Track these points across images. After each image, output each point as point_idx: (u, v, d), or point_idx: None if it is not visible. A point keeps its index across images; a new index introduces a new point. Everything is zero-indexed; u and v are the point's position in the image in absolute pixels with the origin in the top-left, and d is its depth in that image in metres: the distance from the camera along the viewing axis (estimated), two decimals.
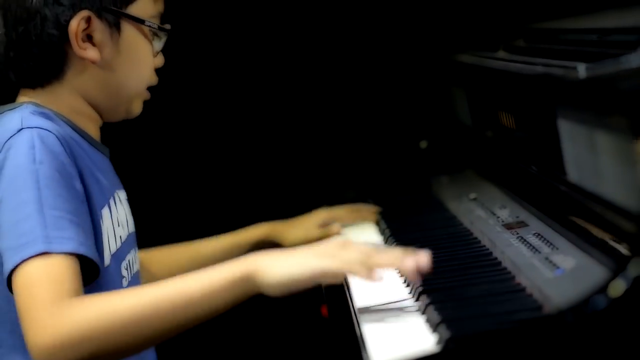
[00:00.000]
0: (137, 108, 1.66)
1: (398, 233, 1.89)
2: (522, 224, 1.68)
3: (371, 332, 1.38)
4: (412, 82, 2.46)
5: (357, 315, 1.46)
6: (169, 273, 1.91)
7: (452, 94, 2.22)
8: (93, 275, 1.45)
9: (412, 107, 2.47)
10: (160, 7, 1.64)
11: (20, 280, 1.37)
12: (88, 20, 1.54)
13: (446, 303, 1.40)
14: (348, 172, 2.38)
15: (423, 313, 1.41)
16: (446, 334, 1.28)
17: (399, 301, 1.49)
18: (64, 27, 1.53)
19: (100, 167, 1.60)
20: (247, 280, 1.39)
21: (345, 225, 2.03)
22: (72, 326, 1.33)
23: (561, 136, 1.43)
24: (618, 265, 1.13)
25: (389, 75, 2.49)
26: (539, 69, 1.49)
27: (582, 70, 1.34)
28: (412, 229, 1.90)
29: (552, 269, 1.42)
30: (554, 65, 1.47)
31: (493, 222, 1.75)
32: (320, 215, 2.04)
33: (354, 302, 1.52)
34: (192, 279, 1.40)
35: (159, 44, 1.64)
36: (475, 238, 1.73)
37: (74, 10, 1.53)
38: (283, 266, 1.39)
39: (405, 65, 2.46)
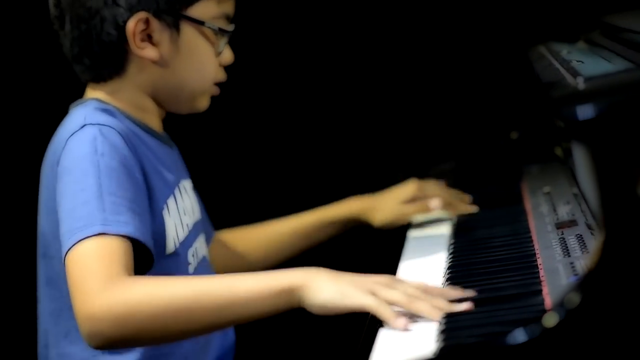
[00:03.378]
0: (202, 103, 1.72)
1: (462, 227, 1.91)
2: (573, 224, 1.67)
3: (385, 334, 1.40)
4: (505, 72, 2.44)
5: None
6: (247, 254, 2.01)
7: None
8: (147, 263, 1.50)
9: (502, 97, 2.46)
10: (226, 7, 1.68)
11: (74, 256, 1.42)
12: (147, 21, 1.61)
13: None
14: (443, 159, 2.39)
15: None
16: (441, 343, 1.31)
17: None
18: (121, 28, 1.61)
19: (163, 160, 1.67)
20: (293, 292, 1.40)
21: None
22: (120, 301, 1.37)
23: (572, 145, 1.42)
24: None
25: (483, 67, 2.49)
26: (559, 74, 1.49)
27: (580, 82, 1.33)
28: (478, 223, 1.92)
29: (569, 275, 1.43)
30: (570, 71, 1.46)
31: (550, 219, 1.76)
32: (409, 189, 2.00)
33: None
34: (242, 279, 1.42)
35: (223, 44, 1.68)
36: (529, 237, 1.73)
37: (132, 11, 1.60)
38: (329, 290, 1.39)
39: (499, 55, 2.45)
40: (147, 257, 1.50)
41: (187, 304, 1.39)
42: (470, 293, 1.45)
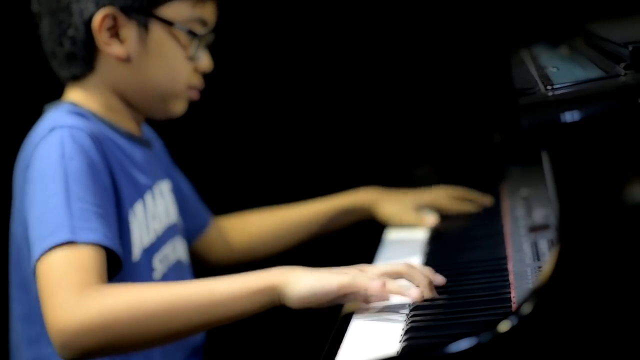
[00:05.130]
0: (176, 108, 1.71)
1: (439, 229, 1.93)
2: (545, 228, 1.69)
3: (353, 331, 1.43)
4: (489, 75, 2.46)
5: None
6: (251, 240, 2.01)
7: None
8: (115, 269, 1.50)
9: (485, 100, 2.47)
10: (201, 12, 1.66)
11: (44, 267, 1.42)
12: (115, 18, 1.61)
13: (429, 309, 1.43)
14: (425, 161, 2.41)
15: (405, 318, 1.45)
16: (404, 342, 1.32)
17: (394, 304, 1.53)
18: (89, 23, 1.61)
19: (137, 162, 1.67)
20: (272, 290, 1.41)
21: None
22: (94, 312, 1.36)
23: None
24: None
25: (466, 69, 2.50)
26: (531, 81, 1.50)
27: (548, 90, 1.35)
28: (455, 225, 1.94)
29: (536, 279, 1.44)
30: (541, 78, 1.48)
31: (524, 223, 1.77)
32: (422, 197, 2.02)
33: None
34: (220, 281, 1.43)
35: (195, 48, 1.66)
36: (503, 240, 1.75)
37: (98, 6, 1.61)
38: (306, 280, 1.41)
39: (482, 58, 2.46)
40: (115, 263, 1.50)
41: (166, 308, 1.39)
42: (439, 280, 1.49)
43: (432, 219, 1.96)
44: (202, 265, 1.92)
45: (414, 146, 2.54)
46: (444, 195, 2.03)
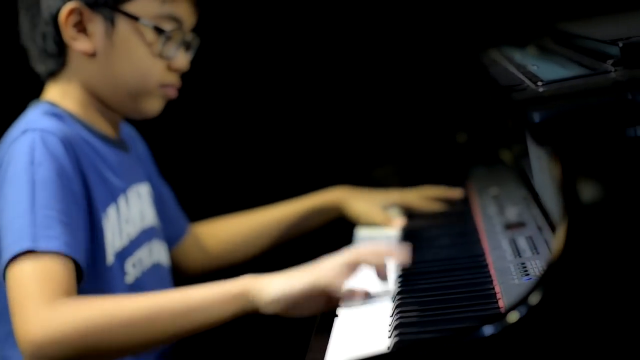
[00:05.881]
0: (150, 107, 1.69)
1: (410, 227, 1.93)
2: (521, 225, 1.70)
3: (338, 330, 1.43)
4: (452, 75, 2.47)
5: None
6: (226, 245, 2.00)
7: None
8: (78, 277, 1.49)
9: (451, 99, 2.49)
10: (172, 9, 1.64)
11: (13, 277, 1.44)
12: (81, 12, 1.60)
13: (414, 305, 1.44)
14: (387, 161, 2.41)
15: (391, 315, 1.45)
16: (395, 337, 1.32)
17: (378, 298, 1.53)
18: (56, 17, 1.60)
19: (112, 165, 1.65)
20: (246, 296, 1.45)
21: None
22: (61, 324, 1.38)
23: (529, 148, 1.45)
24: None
25: (428, 68, 2.51)
26: (516, 78, 1.51)
27: (540, 86, 1.35)
28: (426, 223, 1.93)
29: (522, 275, 1.45)
30: (527, 75, 1.48)
31: (498, 220, 1.78)
32: (391, 197, 2.03)
33: None
34: (194, 289, 1.46)
35: (162, 44, 1.64)
36: (478, 238, 1.75)
37: (64, 1, 1.60)
38: (277, 283, 1.46)
39: (445, 58, 2.47)
40: (78, 270, 1.50)
41: (142, 316, 1.42)
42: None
43: (399, 221, 1.97)
44: (178, 273, 1.91)
45: (374, 147, 2.54)
46: (414, 194, 2.04)
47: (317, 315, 1.51)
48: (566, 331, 1.07)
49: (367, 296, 1.52)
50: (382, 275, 1.53)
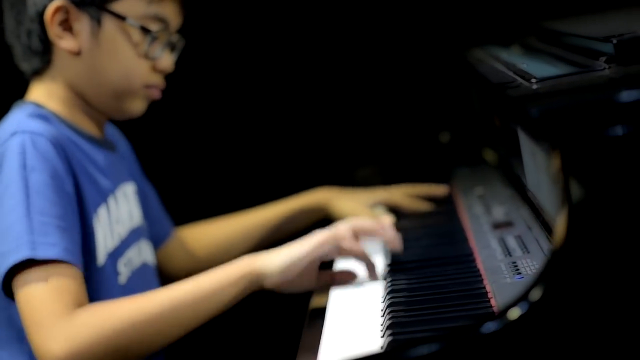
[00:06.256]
0: (134, 107, 1.68)
1: (396, 226, 1.91)
2: (509, 225, 1.69)
3: (329, 329, 1.42)
4: (435, 75, 2.47)
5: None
6: (211, 248, 2.00)
7: (471, 88, 2.22)
8: None
9: (435, 99, 2.48)
10: (159, 9, 1.63)
11: (22, 295, 1.43)
12: (67, 11, 1.59)
13: (406, 305, 1.43)
14: (370, 162, 2.40)
15: (382, 315, 1.44)
16: (389, 337, 1.31)
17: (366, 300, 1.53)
18: (42, 15, 1.59)
19: (100, 165, 1.64)
20: (251, 275, 1.51)
21: None
22: (86, 335, 1.39)
23: (520, 145, 1.44)
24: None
25: (412, 68, 2.50)
26: (507, 76, 1.50)
27: (534, 83, 1.35)
28: (411, 222, 1.92)
29: (514, 274, 1.44)
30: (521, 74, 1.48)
31: (485, 220, 1.77)
32: (378, 195, 2.02)
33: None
34: (202, 277, 1.50)
35: (148, 44, 1.63)
36: (465, 237, 1.75)
37: None
38: (279, 255, 1.52)
39: (428, 58, 2.47)
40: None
41: (162, 312, 1.45)
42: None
43: (386, 220, 1.94)
44: (163, 275, 1.89)
45: (357, 147, 2.53)
46: (399, 193, 2.03)
47: (307, 312, 1.53)
48: (566, 327, 1.06)
49: (356, 277, 1.61)
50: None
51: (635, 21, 1.72)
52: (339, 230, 1.57)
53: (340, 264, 1.71)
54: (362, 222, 1.64)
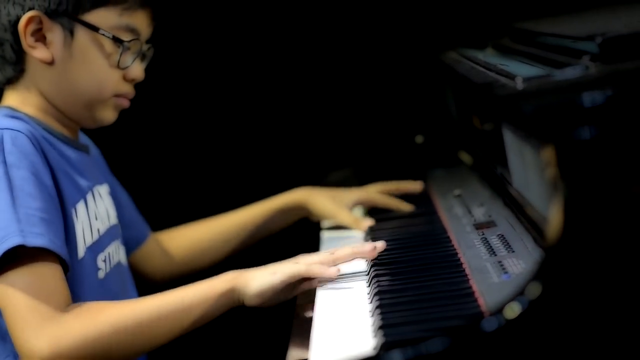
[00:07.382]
0: (104, 116, 1.69)
1: (377, 228, 1.91)
2: (491, 224, 1.70)
3: (319, 330, 1.42)
4: (408, 77, 2.48)
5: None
6: (191, 251, 2.01)
7: (445, 90, 2.24)
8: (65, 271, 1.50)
9: (409, 101, 2.49)
10: (130, 20, 1.66)
11: (5, 295, 1.43)
12: (40, 21, 1.60)
13: (394, 306, 1.42)
14: (344, 164, 2.40)
15: (372, 316, 1.44)
16: (382, 338, 1.31)
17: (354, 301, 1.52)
18: (15, 25, 1.60)
19: (76, 165, 1.66)
20: (233, 292, 1.52)
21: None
22: (70, 338, 1.41)
23: (505, 144, 1.45)
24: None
25: (385, 70, 2.51)
26: (489, 76, 1.51)
27: (519, 82, 1.36)
28: (391, 224, 1.92)
29: (500, 274, 1.45)
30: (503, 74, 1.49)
31: (467, 220, 1.78)
32: (355, 194, 2.03)
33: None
34: (186, 289, 1.52)
35: (119, 54, 1.65)
36: (447, 237, 1.75)
37: (24, 9, 1.60)
38: (260, 276, 1.53)
39: (401, 60, 2.48)
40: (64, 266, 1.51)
41: (146, 320, 1.47)
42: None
43: (367, 223, 1.95)
44: (143, 279, 1.90)
45: (331, 150, 2.53)
46: (376, 191, 2.04)
47: (294, 316, 1.56)
48: (565, 324, 1.07)
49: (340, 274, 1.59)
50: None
51: (604, 21, 1.74)
52: (311, 268, 1.56)
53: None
54: (338, 253, 1.61)
